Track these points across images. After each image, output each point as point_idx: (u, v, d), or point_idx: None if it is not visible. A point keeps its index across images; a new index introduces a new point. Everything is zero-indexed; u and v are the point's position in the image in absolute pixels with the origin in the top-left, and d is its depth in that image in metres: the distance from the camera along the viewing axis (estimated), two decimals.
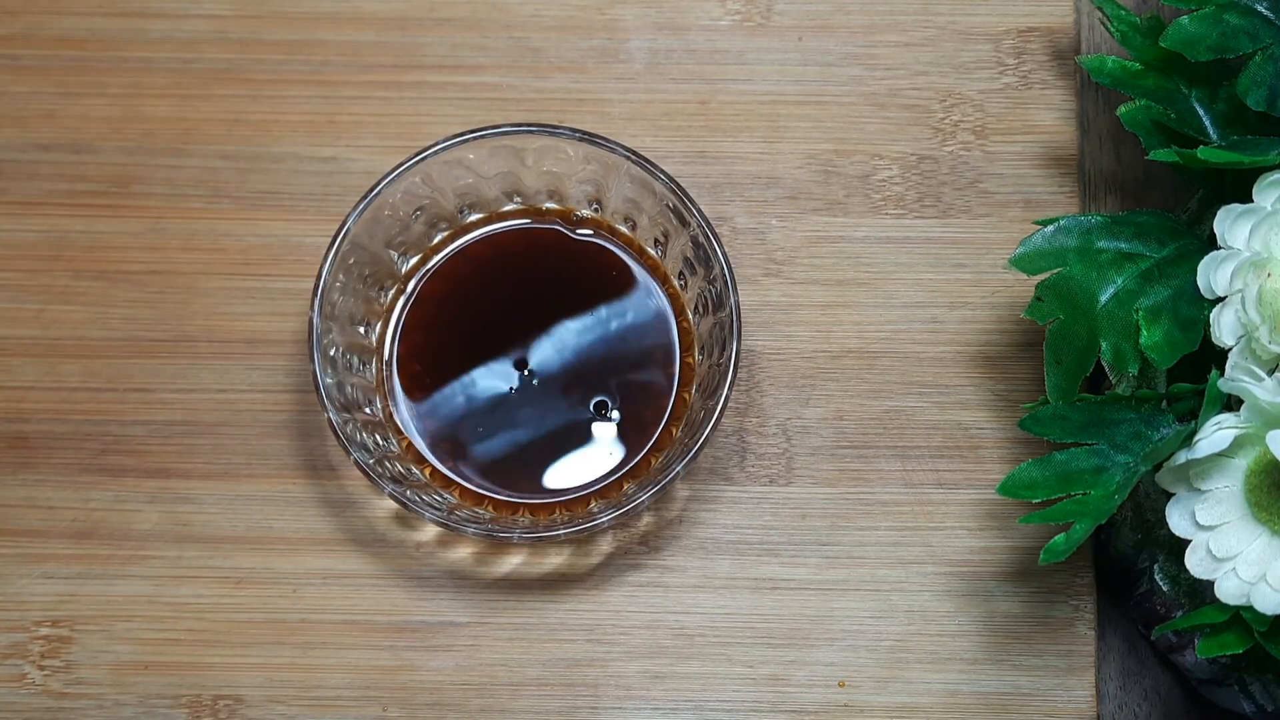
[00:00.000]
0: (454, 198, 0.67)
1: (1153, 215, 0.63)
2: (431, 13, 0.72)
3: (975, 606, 0.67)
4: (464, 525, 0.63)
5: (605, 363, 0.67)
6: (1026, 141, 0.71)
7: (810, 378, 0.69)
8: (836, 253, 0.70)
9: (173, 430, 0.68)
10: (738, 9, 0.72)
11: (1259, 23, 0.63)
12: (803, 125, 0.71)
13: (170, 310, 0.69)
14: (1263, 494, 0.58)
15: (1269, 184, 0.60)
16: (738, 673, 0.67)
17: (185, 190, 0.70)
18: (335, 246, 0.64)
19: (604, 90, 0.72)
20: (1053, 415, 0.60)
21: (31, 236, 0.70)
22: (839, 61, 0.72)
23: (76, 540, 0.68)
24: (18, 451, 0.68)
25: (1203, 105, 0.64)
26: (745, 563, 0.67)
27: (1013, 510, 0.67)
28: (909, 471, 0.68)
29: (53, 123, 0.71)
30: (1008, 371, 0.69)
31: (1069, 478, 0.60)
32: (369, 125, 0.71)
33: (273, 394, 0.69)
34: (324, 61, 0.72)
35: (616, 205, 0.67)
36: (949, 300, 0.70)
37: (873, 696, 0.66)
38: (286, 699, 0.66)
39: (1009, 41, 0.72)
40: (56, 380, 0.69)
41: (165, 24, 0.72)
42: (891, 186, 0.71)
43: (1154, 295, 0.61)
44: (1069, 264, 0.62)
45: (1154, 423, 0.60)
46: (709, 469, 0.68)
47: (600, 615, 0.67)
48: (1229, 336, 0.59)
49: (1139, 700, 0.68)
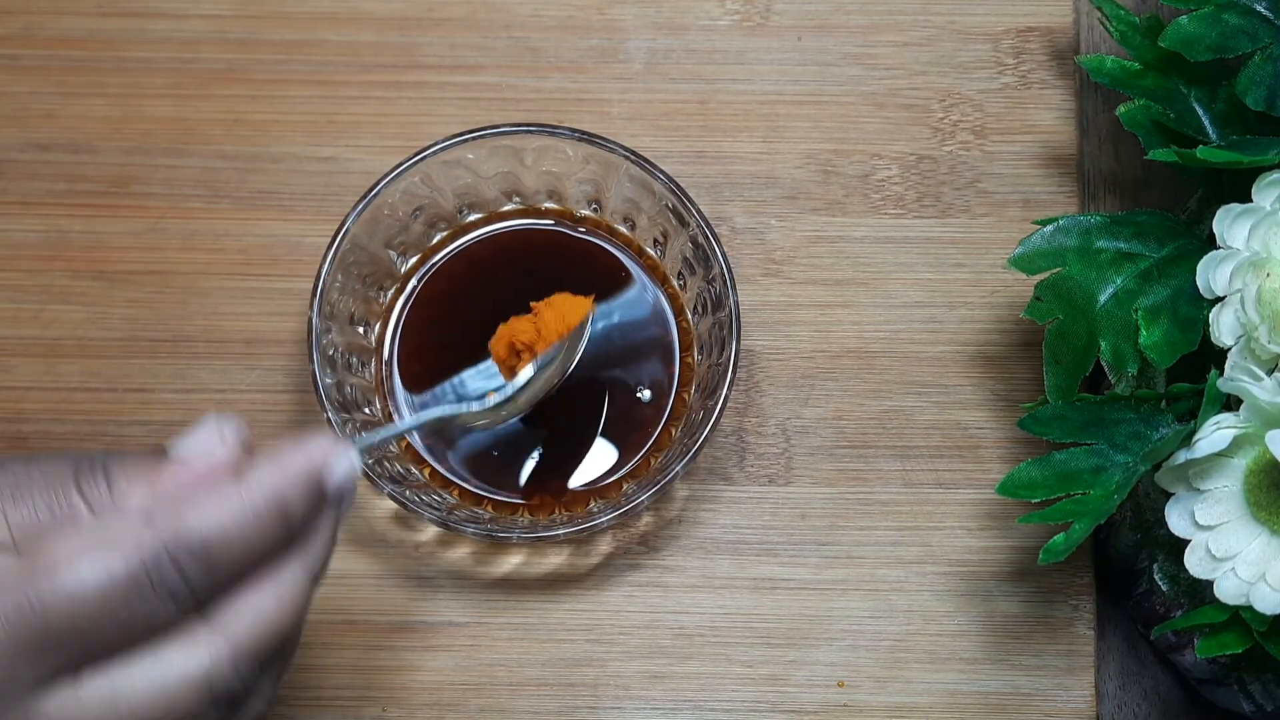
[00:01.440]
0: (453, 198, 0.67)
1: (1152, 215, 0.63)
2: (431, 13, 0.72)
3: (975, 606, 0.67)
4: (463, 525, 0.63)
5: (604, 363, 0.67)
6: (1026, 141, 0.71)
7: (809, 378, 0.69)
8: (836, 253, 0.70)
9: (172, 430, 0.68)
10: (737, 9, 0.72)
11: (1258, 22, 0.63)
12: (802, 125, 0.71)
13: (169, 310, 0.69)
14: (1262, 494, 0.58)
15: (1268, 184, 0.60)
16: (737, 673, 0.67)
17: (185, 190, 0.70)
18: (335, 246, 0.64)
19: (603, 90, 0.72)
20: (1052, 415, 0.60)
21: (31, 236, 0.70)
22: (838, 61, 0.72)
23: None
24: (17, 451, 0.68)
25: (1202, 105, 0.64)
26: (744, 563, 0.67)
27: (1012, 510, 0.67)
28: (908, 471, 0.68)
29: (52, 123, 0.71)
30: (1007, 371, 0.69)
31: (1068, 477, 0.60)
32: (368, 125, 0.71)
33: (272, 394, 0.69)
34: (324, 61, 0.72)
35: (616, 205, 0.67)
36: (948, 300, 0.70)
37: (872, 696, 0.66)
38: (286, 699, 0.66)
39: (1008, 41, 0.72)
40: (55, 380, 0.69)
41: (165, 24, 0.72)
42: (891, 186, 0.71)
43: (1153, 295, 0.61)
44: (1068, 264, 0.62)
45: (1153, 422, 0.60)
46: (708, 469, 0.68)
47: (600, 615, 0.67)
48: (1228, 336, 0.59)
49: (1138, 700, 0.68)
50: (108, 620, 0.46)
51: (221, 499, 0.47)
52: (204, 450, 0.49)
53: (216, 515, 0.47)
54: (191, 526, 0.47)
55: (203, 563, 0.47)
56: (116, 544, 0.46)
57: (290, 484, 0.48)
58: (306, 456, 0.48)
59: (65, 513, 0.47)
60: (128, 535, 0.46)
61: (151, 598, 0.46)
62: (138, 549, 0.46)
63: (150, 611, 0.46)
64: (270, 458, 0.48)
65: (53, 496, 0.48)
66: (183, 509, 0.47)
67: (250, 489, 0.47)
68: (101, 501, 0.48)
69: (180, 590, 0.47)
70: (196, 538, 0.47)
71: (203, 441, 0.49)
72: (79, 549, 0.46)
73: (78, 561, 0.46)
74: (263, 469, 0.48)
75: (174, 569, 0.46)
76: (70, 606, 0.46)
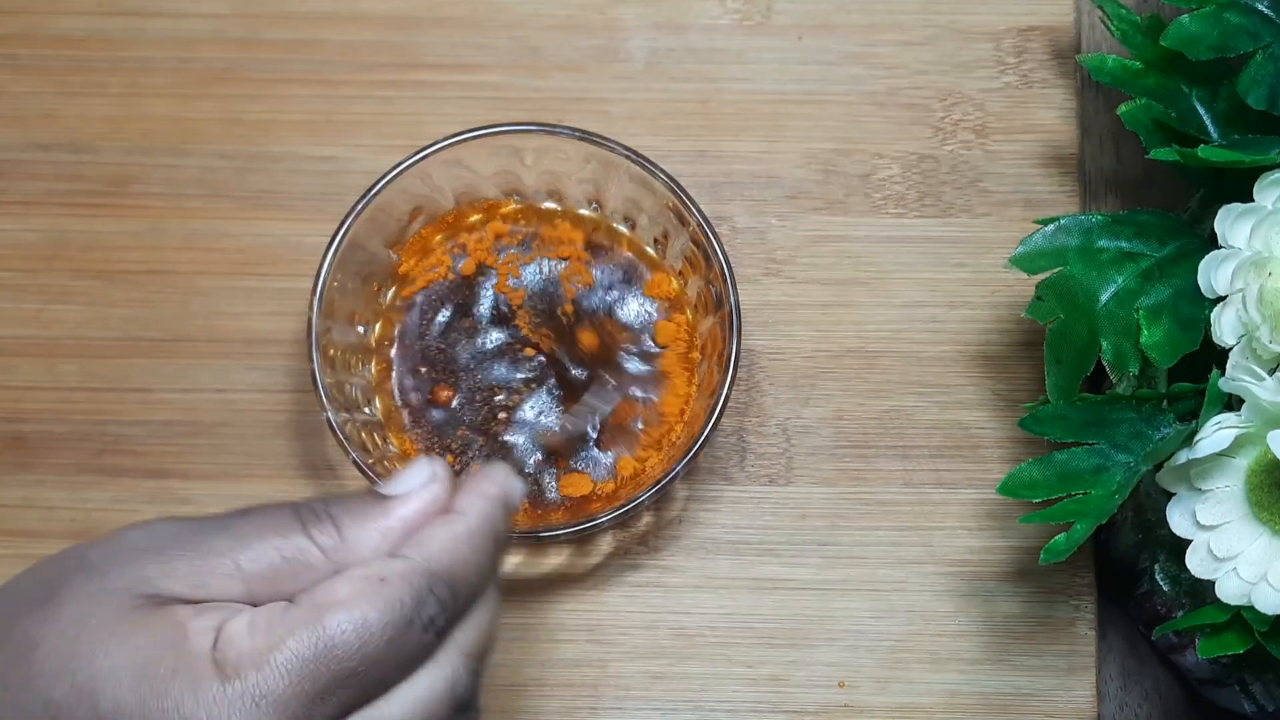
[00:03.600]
0: (453, 197, 0.67)
1: (1153, 214, 0.63)
2: (431, 12, 0.72)
3: (975, 606, 0.67)
4: None
5: (605, 363, 0.67)
6: (1027, 140, 0.71)
7: (810, 377, 0.69)
8: (837, 252, 0.70)
9: (172, 430, 0.68)
10: (737, 8, 0.72)
11: (1259, 21, 0.63)
12: (803, 124, 0.71)
13: (169, 310, 0.69)
14: (1263, 494, 0.58)
15: (1270, 183, 0.60)
16: (738, 673, 0.67)
17: (184, 190, 0.70)
18: (335, 246, 0.64)
19: (604, 90, 0.71)
20: (1053, 415, 0.60)
21: (30, 236, 0.70)
22: (839, 61, 0.72)
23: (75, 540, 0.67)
24: (16, 452, 0.68)
25: (1203, 104, 0.64)
26: (745, 563, 0.67)
27: (1013, 510, 0.67)
28: (909, 471, 0.68)
29: (52, 122, 0.71)
30: (1008, 371, 0.69)
31: (1069, 477, 0.59)
32: (369, 125, 0.71)
33: (272, 394, 0.69)
34: (324, 61, 0.72)
35: (616, 205, 0.67)
36: (949, 300, 0.70)
37: (873, 697, 0.66)
38: None
39: (1009, 40, 0.72)
40: (55, 380, 0.69)
41: (164, 23, 0.72)
42: (892, 186, 0.71)
43: (1155, 294, 0.61)
44: (1069, 263, 0.62)
45: (1155, 422, 0.60)
46: (709, 469, 0.68)
47: (600, 615, 0.67)
48: (1230, 336, 0.59)
49: (1139, 700, 0.68)
50: (387, 655, 0.48)
51: (453, 530, 0.50)
52: (419, 488, 0.51)
53: (455, 546, 0.50)
54: (440, 560, 0.49)
55: (452, 591, 0.49)
56: (388, 583, 0.48)
57: (495, 510, 0.51)
58: (498, 485, 0.52)
59: (298, 558, 0.49)
60: (393, 574, 0.48)
61: (419, 630, 0.48)
62: (409, 586, 0.48)
63: (417, 643, 0.48)
64: (472, 490, 0.51)
65: (282, 542, 0.49)
66: (426, 544, 0.49)
67: (470, 519, 0.50)
68: (332, 544, 0.49)
69: (439, 620, 0.49)
70: (446, 569, 0.49)
71: (417, 479, 0.51)
72: (356, 590, 0.48)
73: (359, 602, 0.47)
74: (472, 500, 0.51)
75: (435, 601, 0.49)
76: (359, 647, 0.47)
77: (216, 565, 0.48)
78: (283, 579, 0.49)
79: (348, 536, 0.49)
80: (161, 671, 0.46)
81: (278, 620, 0.47)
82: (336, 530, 0.49)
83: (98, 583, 0.48)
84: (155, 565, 0.48)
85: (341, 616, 0.47)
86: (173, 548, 0.49)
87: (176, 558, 0.48)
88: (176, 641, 0.47)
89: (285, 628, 0.47)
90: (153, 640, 0.47)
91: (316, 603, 0.47)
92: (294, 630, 0.47)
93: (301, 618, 0.47)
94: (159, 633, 0.47)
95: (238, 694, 0.46)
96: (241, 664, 0.46)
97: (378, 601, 0.47)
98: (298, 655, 0.47)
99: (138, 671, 0.46)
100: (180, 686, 0.46)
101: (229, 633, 0.47)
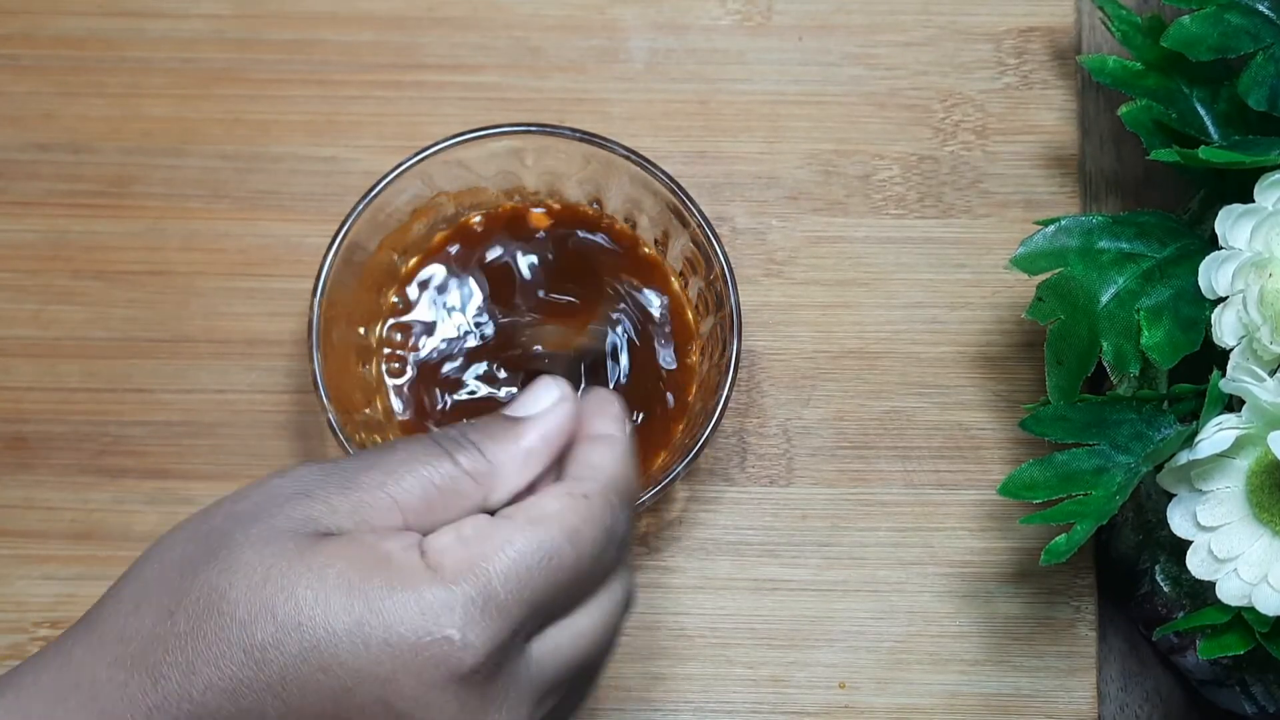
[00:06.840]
0: (454, 198, 0.67)
1: (1154, 215, 0.63)
2: (431, 13, 0.72)
3: (976, 608, 0.67)
4: None
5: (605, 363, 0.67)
6: (1027, 141, 0.71)
7: (811, 378, 0.69)
8: (837, 253, 0.70)
9: (172, 431, 0.68)
10: (738, 9, 0.72)
11: (1260, 22, 0.63)
12: (803, 125, 0.71)
13: (169, 311, 0.69)
14: (1264, 495, 0.58)
15: (1270, 184, 0.60)
16: (738, 674, 0.67)
17: (184, 190, 0.70)
18: (335, 247, 0.64)
19: (604, 90, 0.71)
20: (1054, 415, 0.60)
21: (30, 236, 0.70)
22: (839, 61, 0.72)
23: (75, 541, 0.67)
24: (16, 452, 0.68)
25: (1204, 105, 0.64)
26: (745, 564, 0.67)
27: (1014, 511, 0.67)
28: (910, 472, 0.68)
29: (52, 123, 0.71)
30: (1009, 372, 0.69)
31: (1070, 478, 0.59)
32: (369, 125, 0.71)
33: (272, 394, 0.69)
34: (324, 61, 0.72)
35: (616, 205, 0.67)
36: (950, 300, 0.70)
37: (873, 698, 0.66)
38: None
39: (1010, 41, 0.72)
40: (55, 381, 0.69)
41: (164, 24, 0.72)
42: (892, 186, 0.71)
43: (1155, 295, 0.61)
44: (1070, 264, 0.62)
45: (1155, 423, 0.60)
46: (709, 469, 0.68)
47: None
48: (1230, 337, 0.59)
49: (1140, 701, 0.68)
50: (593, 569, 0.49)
51: (616, 452, 0.51)
52: (551, 407, 0.51)
53: (622, 467, 0.51)
54: (617, 480, 0.50)
55: (628, 503, 0.51)
56: (590, 501, 0.49)
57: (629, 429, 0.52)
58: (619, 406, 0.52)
59: (449, 485, 0.49)
60: (594, 493, 0.49)
61: (615, 545, 0.50)
62: (606, 504, 0.49)
63: (613, 558, 0.50)
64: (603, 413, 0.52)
65: (431, 471, 0.49)
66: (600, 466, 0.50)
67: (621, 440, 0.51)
68: (480, 468, 0.49)
69: (626, 535, 0.50)
70: (623, 489, 0.50)
71: (547, 399, 0.51)
72: (567, 506, 0.48)
73: (571, 517, 0.48)
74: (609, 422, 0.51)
75: (624, 519, 0.50)
76: (575, 560, 0.48)
77: (374, 499, 0.48)
78: (436, 508, 0.49)
79: (493, 459, 0.50)
80: (375, 587, 0.46)
81: (491, 531, 0.48)
82: (481, 454, 0.49)
83: (265, 527, 0.48)
84: (316, 504, 0.48)
85: (557, 529, 0.48)
86: (325, 487, 0.49)
87: (334, 494, 0.48)
88: (380, 560, 0.47)
89: (502, 537, 0.47)
90: (352, 564, 0.46)
91: (531, 516, 0.48)
92: (511, 539, 0.47)
93: (518, 529, 0.48)
94: (357, 556, 0.47)
95: (464, 598, 0.46)
96: (460, 570, 0.46)
97: (590, 517, 0.48)
98: (518, 563, 0.47)
99: (348, 592, 0.46)
100: (400, 598, 0.46)
101: (438, 545, 0.47)
